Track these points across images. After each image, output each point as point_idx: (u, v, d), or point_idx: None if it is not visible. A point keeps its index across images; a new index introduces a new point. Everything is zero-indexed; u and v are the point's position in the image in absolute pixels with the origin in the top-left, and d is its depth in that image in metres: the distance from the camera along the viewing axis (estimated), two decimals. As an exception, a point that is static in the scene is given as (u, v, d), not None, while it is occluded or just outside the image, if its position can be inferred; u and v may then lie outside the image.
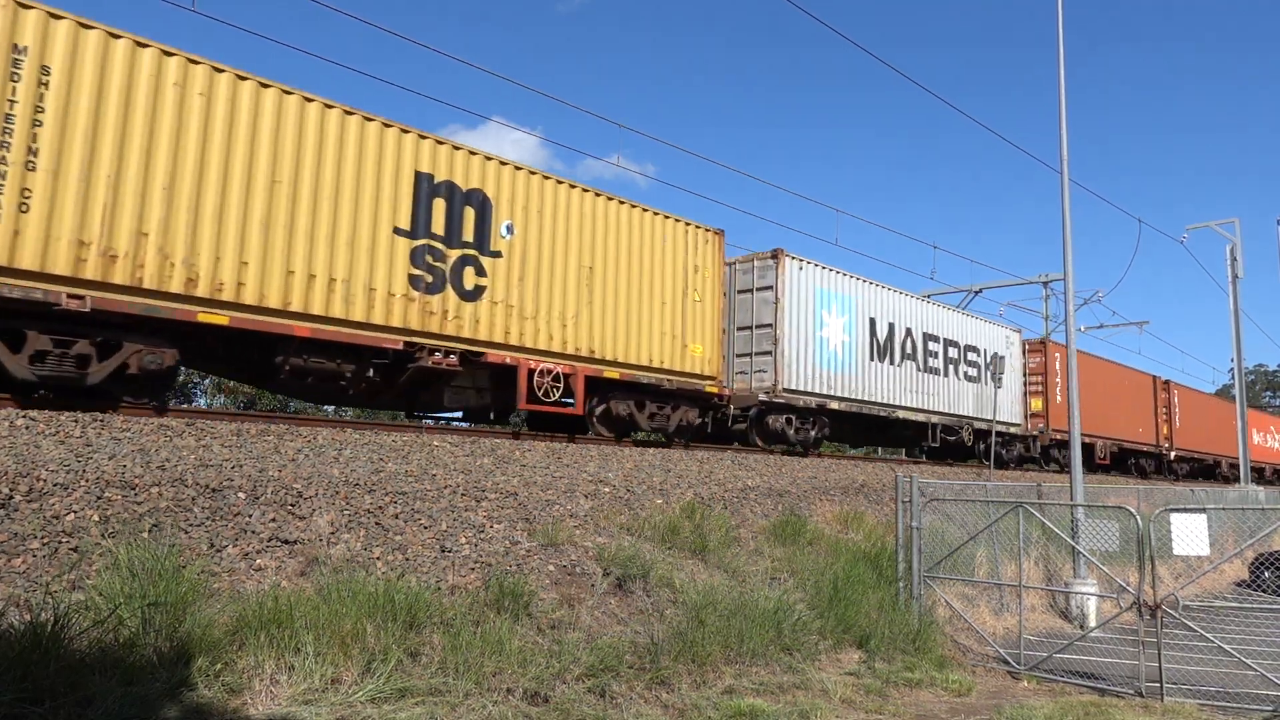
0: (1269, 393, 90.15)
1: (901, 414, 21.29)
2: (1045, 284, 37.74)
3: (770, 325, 17.87)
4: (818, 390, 18.60)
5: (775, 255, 18.14)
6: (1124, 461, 32.23)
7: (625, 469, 12.26)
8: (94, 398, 10.02)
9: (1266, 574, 16.29)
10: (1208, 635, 9.29)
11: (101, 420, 8.65)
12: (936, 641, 10.05)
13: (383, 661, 6.15)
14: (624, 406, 15.31)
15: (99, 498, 6.88)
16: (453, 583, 7.68)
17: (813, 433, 18.84)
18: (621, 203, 15.25)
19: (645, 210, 15.64)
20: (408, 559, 7.79)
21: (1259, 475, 41.62)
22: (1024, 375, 26.47)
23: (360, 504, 8.28)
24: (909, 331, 21.68)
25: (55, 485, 6.80)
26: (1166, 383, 34.71)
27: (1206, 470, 39.01)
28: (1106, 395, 29.64)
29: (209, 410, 10.92)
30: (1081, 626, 12.44)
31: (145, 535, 6.70)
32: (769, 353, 17.80)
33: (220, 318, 10.43)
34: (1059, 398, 26.77)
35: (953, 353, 23.33)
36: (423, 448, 10.72)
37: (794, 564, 10.73)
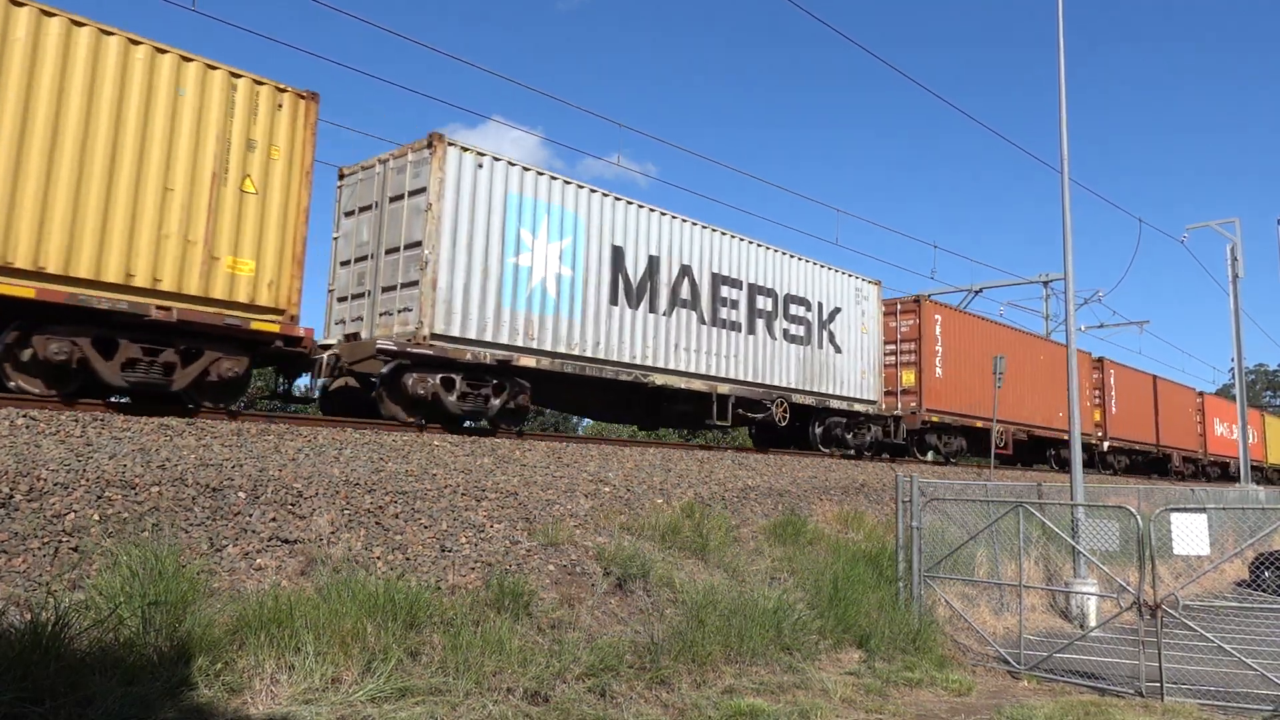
0: (1269, 392, 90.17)
1: (664, 379, 15.53)
2: (1045, 284, 37.79)
3: (418, 245, 12.56)
4: (504, 341, 13.16)
5: (432, 143, 12.64)
6: (1039, 451, 27.81)
7: (625, 468, 12.27)
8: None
9: (1267, 573, 16.29)
10: (1208, 635, 9.29)
11: (102, 420, 8.65)
12: (936, 641, 10.05)
13: (383, 661, 6.15)
14: (61, 347, 9.37)
15: (99, 497, 6.88)
16: (453, 582, 7.68)
17: (494, 400, 13.19)
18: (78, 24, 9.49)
19: (120, 38, 9.76)
20: (408, 559, 7.79)
21: (1223, 470, 38.83)
22: (883, 340, 21.26)
23: (360, 503, 8.28)
24: (686, 270, 16.17)
25: (55, 485, 6.80)
26: (1100, 360, 30.57)
27: (1155, 464, 34.63)
28: (1017, 372, 24.52)
29: (207, 410, 10.87)
30: (1082, 626, 12.45)
31: (145, 535, 6.70)
32: (415, 284, 12.51)
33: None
34: (939, 371, 22.43)
35: (763, 303, 17.78)
36: (423, 447, 10.72)
37: (794, 563, 10.73)
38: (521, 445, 12.21)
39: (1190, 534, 9.45)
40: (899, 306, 22.51)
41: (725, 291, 17.02)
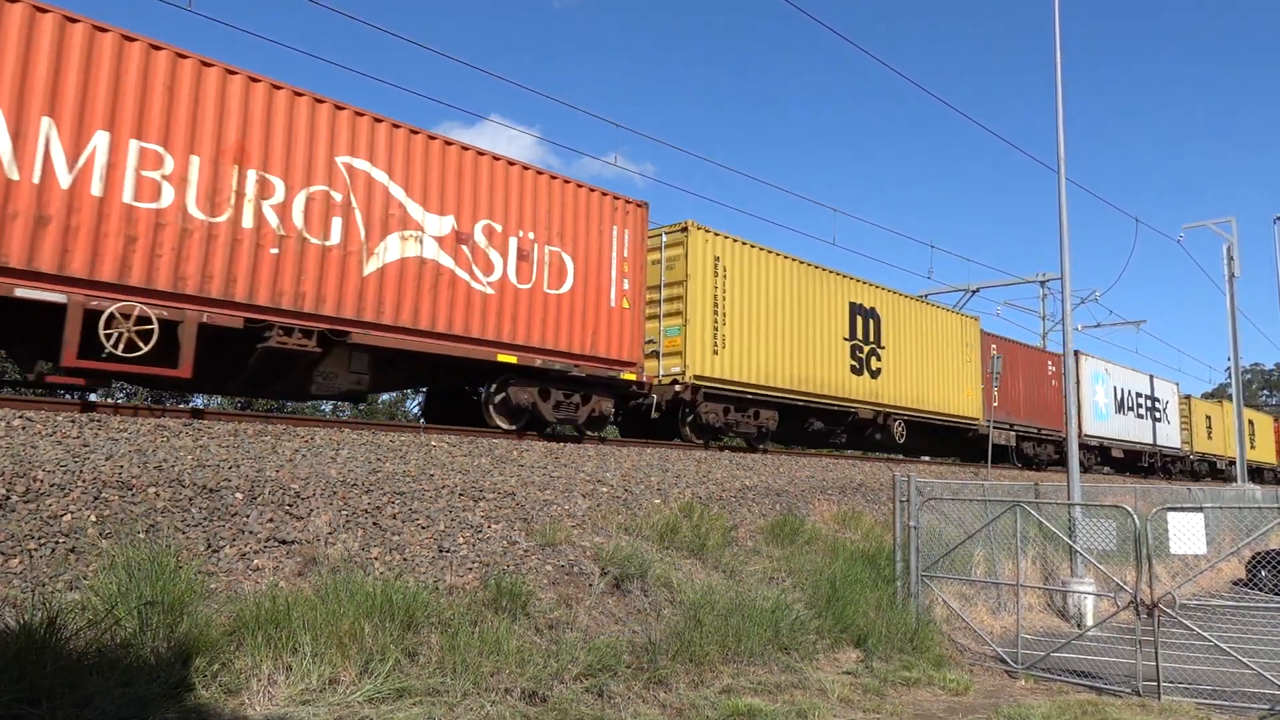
0: (1266, 391, 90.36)
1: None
2: (1043, 283, 37.84)
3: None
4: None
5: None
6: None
7: (623, 469, 12.27)
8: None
9: (1263, 573, 16.32)
10: (1205, 634, 9.30)
11: (98, 421, 8.64)
12: (934, 641, 10.06)
13: (380, 661, 6.15)
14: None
15: (96, 498, 6.87)
16: (450, 583, 7.67)
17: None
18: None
19: None
20: (405, 559, 7.79)
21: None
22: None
23: (358, 504, 8.27)
24: None
25: (52, 486, 6.79)
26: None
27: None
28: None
29: (206, 410, 10.88)
30: (1079, 625, 12.46)
31: (142, 536, 6.69)
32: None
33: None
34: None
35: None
36: (420, 447, 10.72)
37: (792, 563, 10.74)
38: (519, 445, 12.20)
39: (1187, 533, 9.46)
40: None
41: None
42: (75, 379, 9.49)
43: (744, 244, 17.14)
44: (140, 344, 9.43)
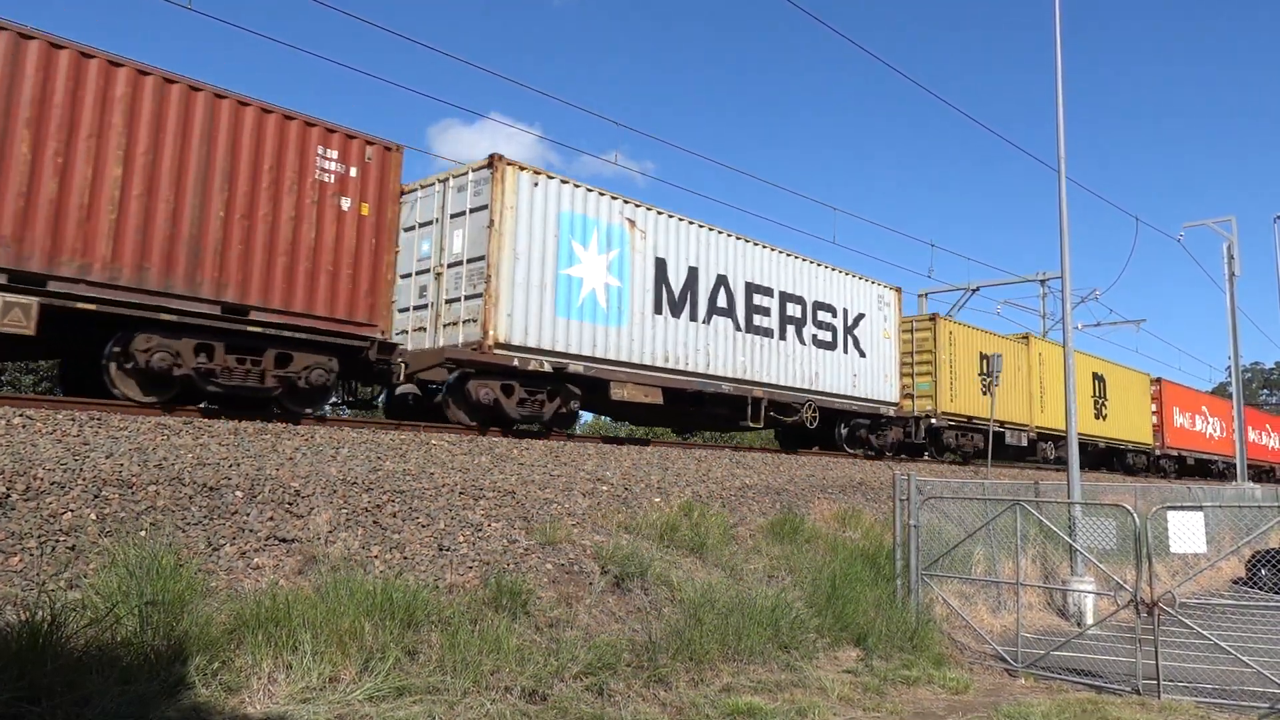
0: (1265, 390, 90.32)
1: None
2: (1043, 282, 37.79)
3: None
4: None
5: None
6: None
7: (623, 467, 12.27)
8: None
9: (1264, 572, 16.32)
10: (1205, 633, 9.31)
11: (99, 419, 8.63)
12: (934, 639, 10.06)
13: (381, 660, 6.15)
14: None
15: (96, 496, 6.87)
16: (451, 581, 7.67)
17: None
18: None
19: None
20: (406, 557, 7.79)
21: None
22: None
23: (358, 502, 8.27)
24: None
25: (52, 484, 6.79)
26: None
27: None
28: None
29: (207, 409, 10.89)
30: (1079, 624, 12.46)
31: (143, 534, 6.69)
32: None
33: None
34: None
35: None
36: (420, 446, 10.71)
37: (792, 562, 10.74)
38: (519, 444, 12.20)
39: (1187, 532, 9.46)
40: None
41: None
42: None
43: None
44: None
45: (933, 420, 22.35)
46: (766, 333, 17.65)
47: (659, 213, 15.67)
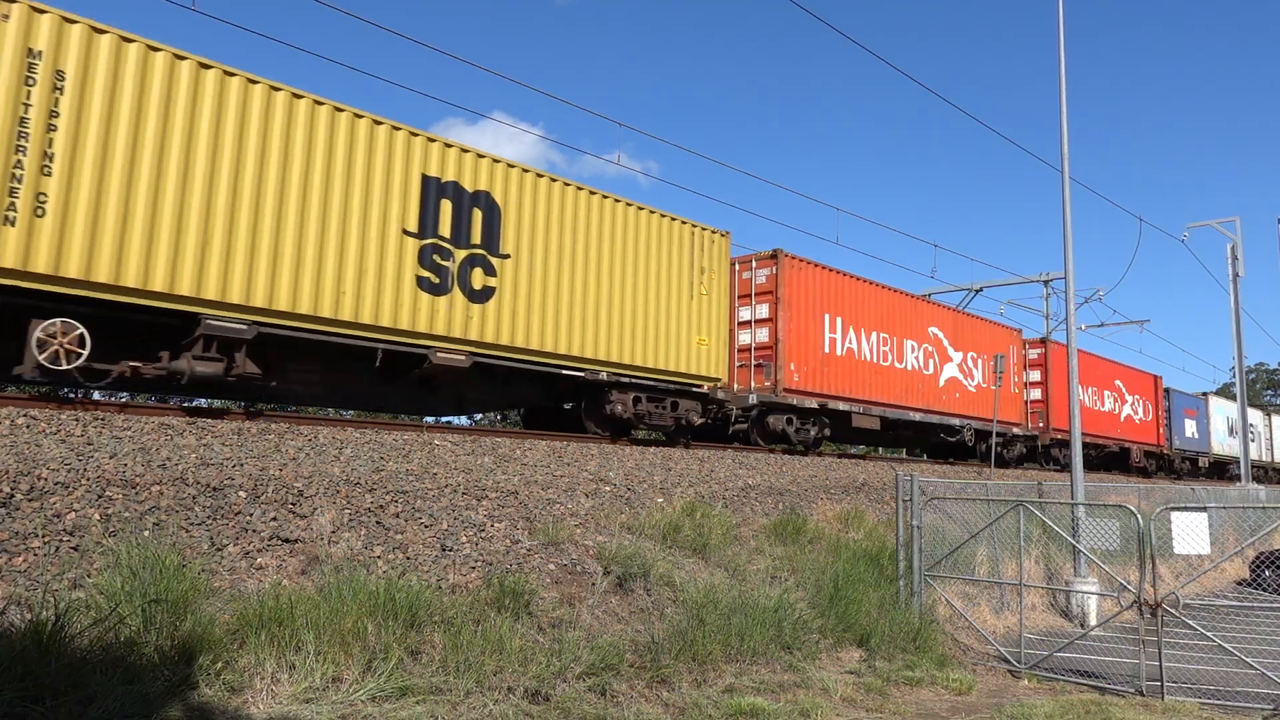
0: (1269, 391, 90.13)
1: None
2: (1046, 282, 37.69)
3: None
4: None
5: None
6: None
7: (626, 467, 12.27)
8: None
9: (1267, 572, 16.28)
10: (1208, 634, 9.29)
11: (102, 419, 8.65)
12: (937, 640, 10.05)
13: (384, 660, 6.15)
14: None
15: (100, 496, 6.89)
16: (454, 581, 7.68)
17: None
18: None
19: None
20: (409, 558, 7.80)
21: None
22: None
23: (361, 503, 8.28)
24: None
25: (56, 484, 6.80)
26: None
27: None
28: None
29: (210, 409, 10.93)
30: (1082, 625, 12.44)
31: (146, 534, 6.70)
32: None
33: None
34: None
35: None
36: (424, 446, 10.72)
37: (794, 562, 10.73)
38: (522, 444, 12.21)
39: (1191, 533, 9.44)
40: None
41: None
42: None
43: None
44: None
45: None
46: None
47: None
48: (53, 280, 9.17)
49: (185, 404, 18.51)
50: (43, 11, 9.21)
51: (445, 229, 12.58)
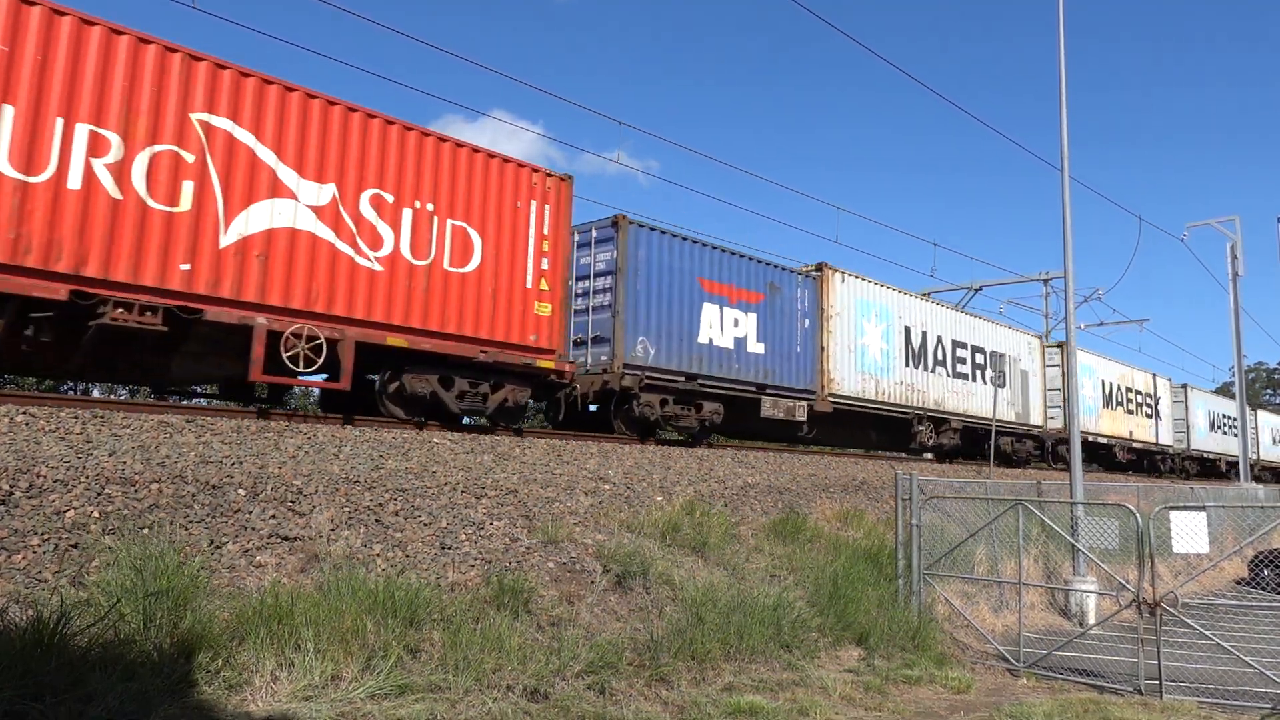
0: (1269, 391, 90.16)
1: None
2: (1045, 281, 37.69)
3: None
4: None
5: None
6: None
7: (625, 466, 12.27)
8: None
9: (1266, 572, 16.29)
10: (1207, 633, 9.30)
11: (101, 417, 8.65)
12: (936, 639, 10.06)
13: (383, 658, 6.16)
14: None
15: (99, 494, 6.88)
16: (453, 580, 7.68)
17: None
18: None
19: None
20: (408, 556, 7.80)
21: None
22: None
23: (360, 501, 8.28)
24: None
25: (55, 482, 6.80)
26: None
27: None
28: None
29: (209, 407, 10.93)
30: (1081, 624, 12.45)
31: (146, 532, 6.70)
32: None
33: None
34: None
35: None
36: (423, 444, 10.72)
37: (794, 561, 10.74)
38: (521, 443, 12.21)
39: (1190, 532, 9.45)
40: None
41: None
42: None
43: None
44: None
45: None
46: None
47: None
48: None
49: (184, 402, 18.42)
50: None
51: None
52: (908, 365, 21.41)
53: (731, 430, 19.23)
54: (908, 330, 21.60)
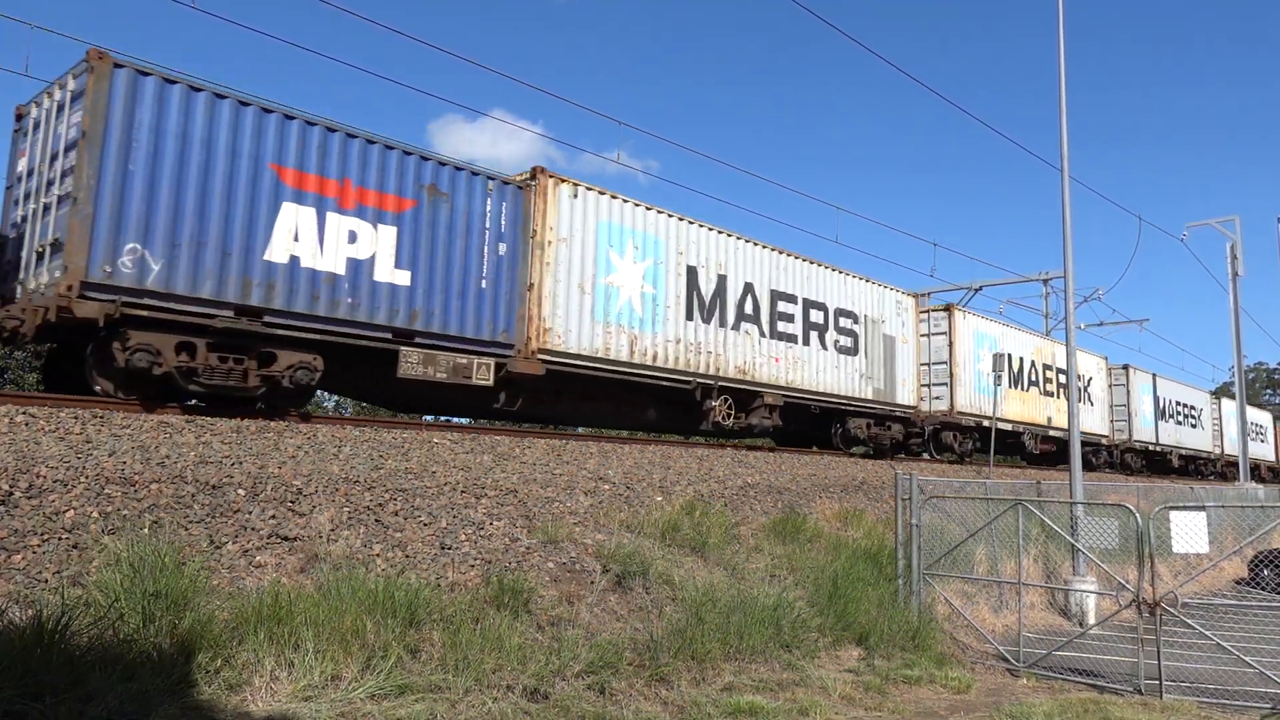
0: (1269, 391, 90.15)
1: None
2: (1045, 281, 37.68)
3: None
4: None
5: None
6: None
7: (625, 466, 12.27)
8: None
9: (1266, 572, 16.29)
10: (1207, 633, 9.30)
11: (101, 417, 8.65)
12: (936, 639, 10.06)
13: (383, 658, 6.16)
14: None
15: (99, 494, 6.88)
16: (453, 580, 7.68)
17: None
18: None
19: None
20: (408, 556, 7.80)
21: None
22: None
23: (360, 501, 8.28)
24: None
25: (55, 482, 6.80)
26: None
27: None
28: None
29: (209, 408, 10.88)
30: (1081, 624, 12.45)
31: (145, 532, 6.70)
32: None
33: None
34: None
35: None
36: (423, 444, 10.72)
37: (793, 561, 10.74)
38: (521, 443, 12.21)
39: (1189, 532, 9.46)
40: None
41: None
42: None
43: None
44: None
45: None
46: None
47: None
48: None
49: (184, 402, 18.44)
50: None
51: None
52: (691, 318, 15.74)
53: (356, 394, 13.90)
54: (693, 271, 15.87)
